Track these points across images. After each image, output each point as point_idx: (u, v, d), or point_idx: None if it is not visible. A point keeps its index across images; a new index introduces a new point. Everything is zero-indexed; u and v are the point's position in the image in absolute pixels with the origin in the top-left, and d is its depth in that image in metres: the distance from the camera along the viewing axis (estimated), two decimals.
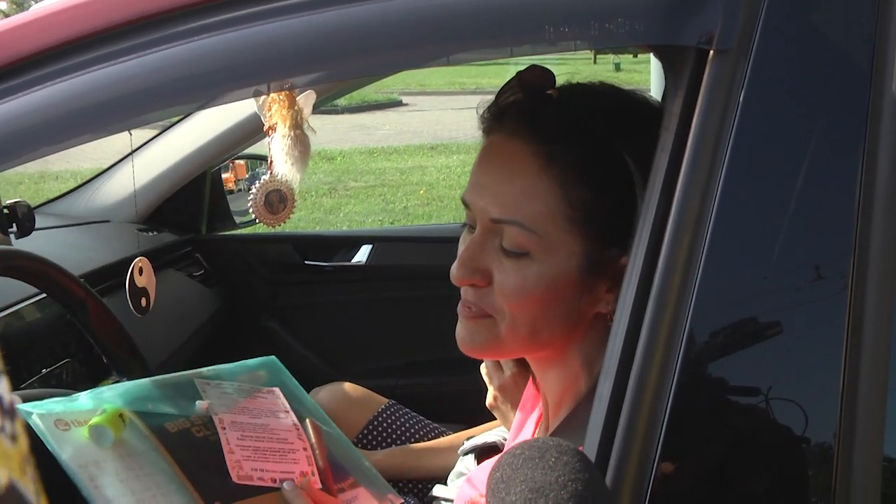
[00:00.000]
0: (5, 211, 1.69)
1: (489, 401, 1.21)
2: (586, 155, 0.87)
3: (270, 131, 1.15)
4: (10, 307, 1.53)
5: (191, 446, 0.95)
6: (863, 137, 0.74)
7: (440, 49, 0.81)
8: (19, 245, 1.65)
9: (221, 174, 2.39)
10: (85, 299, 1.37)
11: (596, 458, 0.75)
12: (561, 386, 0.95)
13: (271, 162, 1.16)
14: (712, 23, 0.74)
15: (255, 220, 1.44)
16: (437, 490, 1.48)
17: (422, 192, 7.57)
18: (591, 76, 0.96)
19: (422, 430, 1.86)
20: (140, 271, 1.36)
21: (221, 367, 1.08)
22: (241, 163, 2.43)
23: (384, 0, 0.78)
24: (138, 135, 1.38)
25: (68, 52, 0.82)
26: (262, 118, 1.16)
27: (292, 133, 1.14)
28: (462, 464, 1.45)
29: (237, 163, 2.42)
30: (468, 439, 1.47)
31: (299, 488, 0.95)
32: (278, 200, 1.40)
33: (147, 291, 1.38)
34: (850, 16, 0.76)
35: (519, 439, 1.07)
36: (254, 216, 1.41)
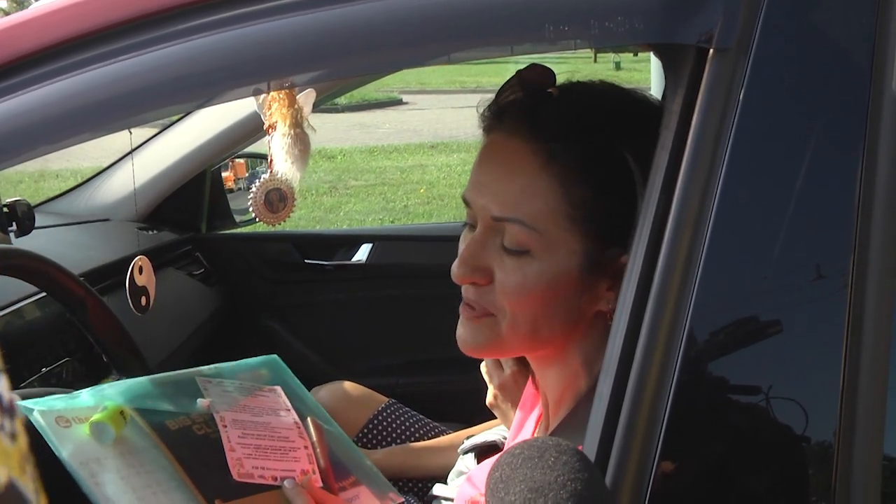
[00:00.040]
0: (5, 209, 1.69)
1: (489, 400, 1.21)
2: (586, 153, 0.87)
3: (270, 130, 1.15)
4: (10, 306, 1.52)
5: (192, 444, 0.95)
6: (863, 136, 0.74)
7: (442, 47, 0.81)
8: (19, 244, 1.65)
9: (221, 173, 2.38)
10: (85, 298, 1.37)
11: (596, 457, 0.75)
12: (561, 385, 0.95)
13: (271, 160, 1.16)
14: (712, 21, 0.74)
15: (255, 219, 1.43)
16: (437, 489, 1.48)
17: (422, 190, 7.57)
18: (591, 75, 0.96)
19: (422, 428, 1.85)
20: (140, 270, 1.36)
21: (222, 365, 1.08)
22: (241, 161, 2.42)
23: None
24: (138, 133, 1.38)
25: (67, 50, 0.82)
26: (262, 117, 1.16)
27: (292, 131, 1.13)
28: (462, 463, 1.45)
29: (237, 161, 2.41)
30: (468, 438, 1.47)
31: (300, 486, 0.95)
32: (278, 199, 1.39)
33: (147, 290, 1.38)
34: (850, 14, 0.76)
35: (519, 438, 1.07)
36: (254, 215, 1.41)
